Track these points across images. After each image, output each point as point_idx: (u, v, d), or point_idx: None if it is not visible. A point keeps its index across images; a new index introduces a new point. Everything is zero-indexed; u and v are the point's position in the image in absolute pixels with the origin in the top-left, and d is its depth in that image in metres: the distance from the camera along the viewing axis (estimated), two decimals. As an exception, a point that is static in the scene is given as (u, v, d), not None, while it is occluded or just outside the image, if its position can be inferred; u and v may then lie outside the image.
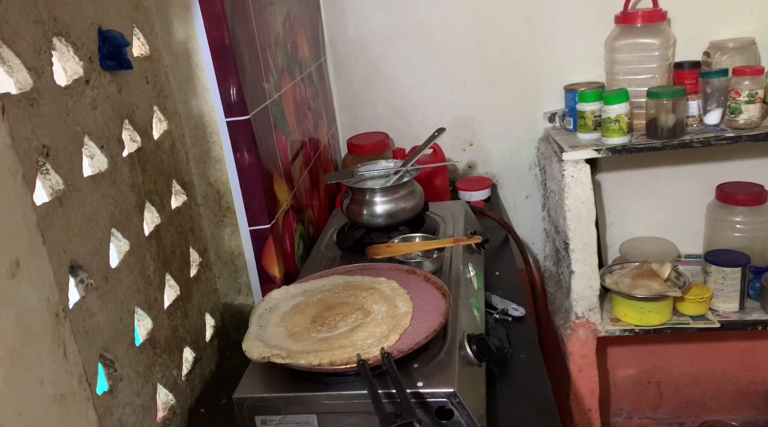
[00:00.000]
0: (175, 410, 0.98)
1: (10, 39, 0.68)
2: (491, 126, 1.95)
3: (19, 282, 0.59)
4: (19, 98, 0.69)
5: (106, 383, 0.80)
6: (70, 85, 0.79)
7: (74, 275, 0.76)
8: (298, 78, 1.52)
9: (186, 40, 1.08)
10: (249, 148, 1.13)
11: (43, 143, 0.72)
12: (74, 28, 0.81)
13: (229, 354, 1.20)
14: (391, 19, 1.87)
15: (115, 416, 0.81)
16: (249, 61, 1.16)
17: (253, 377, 0.92)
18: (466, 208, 1.49)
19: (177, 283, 1.04)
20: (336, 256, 1.34)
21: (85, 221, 0.78)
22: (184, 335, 1.05)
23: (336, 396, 0.87)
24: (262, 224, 1.18)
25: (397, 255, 1.20)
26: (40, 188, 0.72)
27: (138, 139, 0.96)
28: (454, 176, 1.99)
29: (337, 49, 1.92)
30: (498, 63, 1.88)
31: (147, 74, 1.01)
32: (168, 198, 1.05)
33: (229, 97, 1.10)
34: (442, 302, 0.98)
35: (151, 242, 0.96)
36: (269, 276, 1.21)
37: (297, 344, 0.91)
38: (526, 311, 1.26)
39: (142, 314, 0.92)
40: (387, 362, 0.83)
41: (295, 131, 1.44)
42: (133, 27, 0.98)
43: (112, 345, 0.82)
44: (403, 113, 1.96)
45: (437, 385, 0.85)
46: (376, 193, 1.34)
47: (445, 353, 0.92)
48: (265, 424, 0.89)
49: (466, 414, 0.84)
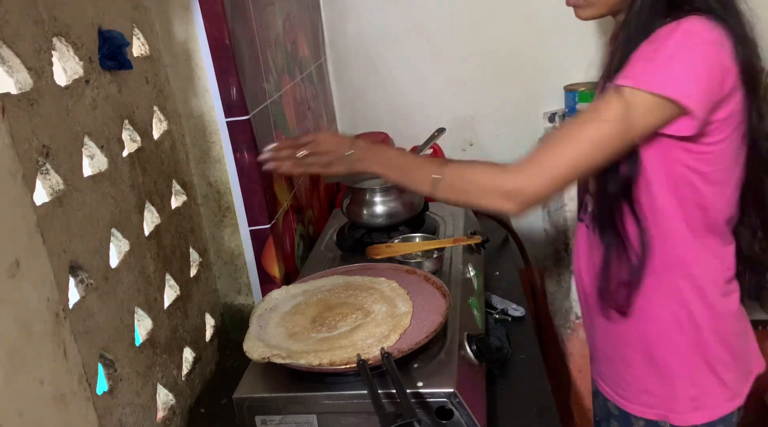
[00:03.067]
0: (175, 410, 0.98)
1: (10, 39, 0.68)
2: (491, 126, 1.95)
3: (19, 282, 0.59)
4: (19, 98, 0.69)
5: (106, 383, 0.80)
6: (70, 85, 0.79)
7: (74, 275, 0.76)
8: (298, 78, 1.52)
9: (186, 40, 1.07)
10: (249, 148, 1.13)
11: (43, 143, 0.72)
12: (74, 28, 0.81)
13: (229, 354, 1.20)
14: (391, 19, 1.87)
15: (115, 416, 0.81)
16: (249, 61, 1.16)
17: (253, 377, 0.92)
18: (466, 208, 1.49)
19: (177, 283, 1.04)
20: (336, 256, 1.34)
21: (85, 221, 0.78)
22: (184, 335, 1.05)
23: (336, 396, 0.87)
24: (262, 224, 1.18)
25: (397, 255, 1.20)
26: (40, 188, 0.72)
27: (138, 139, 0.96)
28: (454, 176, 1.98)
29: (337, 49, 1.92)
30: (498, 63, 1.88)
31: (147, 74, 1.01)
32: (168, 198, 1.05)
33: (229, 97, 1.10)
34: (442, 302, 0.98)
35: (151, 242, 0.96)
36: (269, 276, 1.21)
37: (297, 344, 0.91)
38: (526, 311, 1.26)
39: (142, 314, 0.92)
40: (387, 362, 0.83)
41: (295, 131, 1.44)
42: (133, 27, 0.98)
43: (112, 345, 0.81)
44: (403, 113, 1.96)
45: (437, 385, 0.85)
46: (376, 193, 1.34)
47: (445, 353, 0.92)
48: (265, 424, 0.89)
49: (466, 414, 0.84)
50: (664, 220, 0.95)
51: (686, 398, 1.02)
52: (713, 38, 0.86)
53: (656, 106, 0.85)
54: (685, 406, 1.02)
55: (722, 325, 1.01)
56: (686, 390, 1.02)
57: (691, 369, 1.01)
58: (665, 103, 0.85)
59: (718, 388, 1.02)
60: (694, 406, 1.02)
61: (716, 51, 0.86)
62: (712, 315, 0.99)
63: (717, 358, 1.01)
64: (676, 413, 1.03)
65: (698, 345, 1.00)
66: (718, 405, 1.02)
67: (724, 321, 1.01)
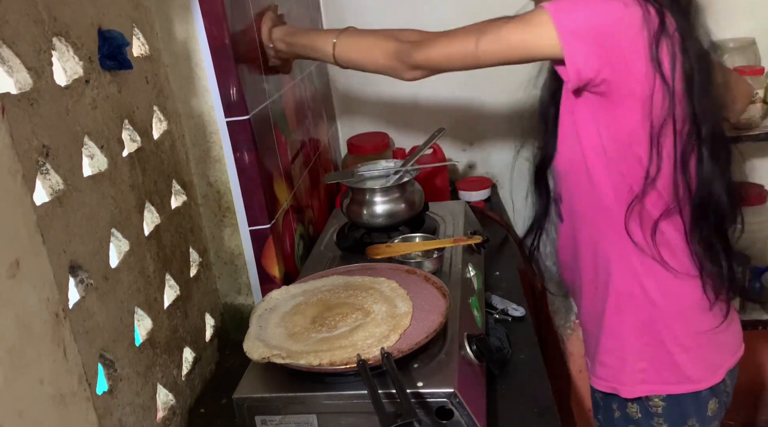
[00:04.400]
0: (175, 410, 0.98)
1: (10, 39, 0.68)
2: (491, 126, 1.95)
3: (19, 282, 0.59)
4: (19, 98, 0.69)
5: (106, 383, 0.80)
6: (70, 85, 0.79)
7: (74, 275, 0.76)
8: (298, 78, 1.52)
9: (186, 40, 1.07)
10: (249, 148, 1.13)
11: (43, 143, 0.72)
12: (74, 28, 0.81)
13: (229, 354, 1.20)
14: (391, 19, 1.87)
15: (115, 416, 0.81)
16: (249, 61, 1.16)
17: (253, 377, 0.92)
18: (466, 209, 1.49)
19: (177, 283, 1.04)
20: (336, 256, 1.34)
21: (85, 221, 0.78)
22: (184, 335, 1.05)
23: (336, 396, 0.87)
24: (262, 224, 1.18)
25: (397, 255, 1.20)
26: (40, 188, 0.72)
27: (138, 139, 0.96)
28: (454, 176, 1.99)
29: (337, 49, 1.92)
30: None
31: (147, 74, 1.01)
32: (168, 198, 1.05)
33: (229, 97, 1.10)
34: (442, 302, 0.98)
35: (151, 242, 0.96)
36: (269, 276, 1.21)
37: (297, 345, 0.91)
38: (526, 311, 1.26)
39: (142, 314, 0.92)
40: (387, 362, 0.83)
41: (295, 131, 1.44)
42: (133, 27, 0.98)
43: (112, 345, 0.81)
44: (403, 113, 1.96)
45: (437, 385, 0.85)
46: (376, 193, 1.34)
47: (445, 353, 0.92)
48: (265, 424, 0.89)
49: (466, 414, 0.84)
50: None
51: (634, 370, 1.03)
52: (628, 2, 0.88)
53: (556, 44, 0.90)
54: (633, 378, 1.03)
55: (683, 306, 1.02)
56: (635, 363, 1.03)
57: (643, 344, 1.02)
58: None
59: (669, 366, 1.03)
60: (640, 379, 1.03)
61: (629, 13, 0.88)
62: (668, 294, 1.01)
63: (674, 338, 1.01)
64: (625, 385, 1.05)
65: (652, 321, 1.01)
66: (667, 382, 1.03)
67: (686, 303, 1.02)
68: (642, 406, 1.05)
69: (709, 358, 1.05)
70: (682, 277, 1.01)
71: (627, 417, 1.07)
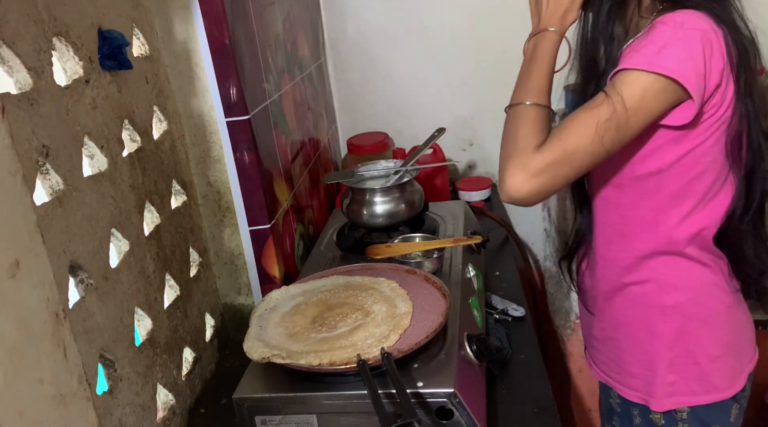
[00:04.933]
0: (175, 410, 0.98)
1: (10, 39, 0.68)
2: (491, 126, 1.95)
3: (19, 282, 0.59)
4: (19, 98, 0.69)
5: (106, 383, 0.80)
6: (70, 85, 0.79)
7: (74, 275, 0.76)
8: (298, 78, 1.52)
9: (186, 40, 1.07)
10: (249, 148, 1.13)
11: (43, 143, 0.72)
12: (74, 28, 0.81)
13: (229, 354, 1.20)
14: (391, 19, 1.87)
15: (115, 416, 0.81)
16: (249, 61, 1.16)
17: (253, 377, 0.92)
18: (466, 209, 1.49)
19: (177, 283, 1.04)
20: (336, 256, 1.34)
21: (85, 221, 0.78)
22: (184, 335, 1.05)
23: (336, 396, 0.87)
24: (262, 224, 1.18)
25: (397, 255, 1.20)
26: (40, 188, 0.72)
27: (138, 139, 0.96)
28: (454, 176, 1.99)
29: (337, 49, 1.92)
30: (498, 63, 1.88)
31: (147, 74, 1.01)
32: (168, 198, 1.05)
33: (229, 97, 1.10)
34: (442, 302, 0.98)
35: (151, 242, 0.96)
36: (269, 276, 1.21)
37: (297, 345, 0.91)
38: (526, 311, 1.26)
39: (142, 314, 0.92)
40: (387, 362, 0.83)
41: (295, 131, 1.44)
42: (133, 27, 0.98)
43: (112, 345, 0.81)
44: (403, 113, 1.96)
45: (437, 385, 0.85)
46: (376, 193, 1.34)
47: (445, 353, 0.92)
48: (265, 424, 0.89)
49: (466, 414, 0.84)
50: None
51: (664, 383, 1.03)
52: (705, 26, 0.87)
53: (661, 89, 0.86)
54: (663, 391, 1.03)
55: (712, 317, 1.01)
56: (665, 376, 1.02)
57: (673, 356, 1.02)
58: (668, 83, 0.85)
59: (698, 377, 1.02)
60: (670, 391, 1.02)
61: (709, 38, 0.87)
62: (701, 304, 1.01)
63: (702, 348, 1.01)
64: (655, 398, 1.04)
65: (682, 334, 1.01)
66: (695, 394, 1.03)
67: (715, 314, 1.02)
68: (667, 415, 1.04)
69: (733, 366, 1.04)
70: (714, 284, 1.01)
71: (650, 423, 1.06)
